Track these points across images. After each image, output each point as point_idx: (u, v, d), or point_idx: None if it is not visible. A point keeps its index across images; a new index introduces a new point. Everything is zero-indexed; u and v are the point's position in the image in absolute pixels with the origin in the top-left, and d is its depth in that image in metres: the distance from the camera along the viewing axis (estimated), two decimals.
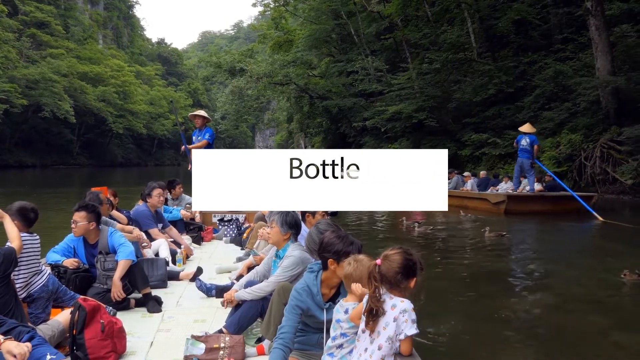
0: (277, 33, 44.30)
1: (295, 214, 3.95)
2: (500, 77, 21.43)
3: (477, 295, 5.88)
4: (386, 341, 2.40)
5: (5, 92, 50.99)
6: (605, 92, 16.89)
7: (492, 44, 24.41)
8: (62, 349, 3.23)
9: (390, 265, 2.43)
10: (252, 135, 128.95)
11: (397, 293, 2.46)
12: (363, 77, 32.16)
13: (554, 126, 18.45)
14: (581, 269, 7.19)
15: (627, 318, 5.04)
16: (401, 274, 2.42)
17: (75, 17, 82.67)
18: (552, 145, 17.86)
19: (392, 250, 2.48)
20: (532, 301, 5.67)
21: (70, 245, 4.59)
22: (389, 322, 2.41)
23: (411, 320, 2.39)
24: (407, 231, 10.38)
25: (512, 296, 5.88)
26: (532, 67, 21.07)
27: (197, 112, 9.40)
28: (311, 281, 2.98)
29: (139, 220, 6.32)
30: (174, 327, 3.97)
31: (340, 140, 39.25)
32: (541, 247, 9.12)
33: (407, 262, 2.44)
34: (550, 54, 20.53)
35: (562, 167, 17.27)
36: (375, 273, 2.44)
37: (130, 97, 77.23)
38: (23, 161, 58.06)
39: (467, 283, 6.40)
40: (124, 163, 78.41)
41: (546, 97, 19.73)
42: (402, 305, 2.41)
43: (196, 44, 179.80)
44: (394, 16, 29.20)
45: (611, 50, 16.99)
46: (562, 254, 8.26)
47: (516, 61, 21.96)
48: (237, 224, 8.38)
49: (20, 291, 3.60)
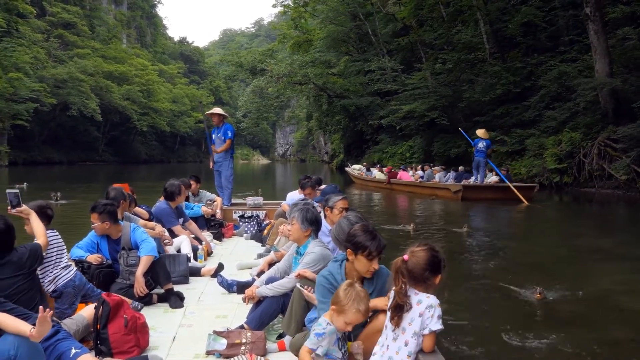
0: (297, 33, 44.69)
1: (315, 210, 3.95)
2: (508, 77, 22.13)
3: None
4: (412, 337, 2.39)
5: (35, 91, 52.27)
6: (603, 93, 17.81)
7: (502, 45, 24.98)
8: (87, 343, 3.27)
9: (417, 261, 2.43)
10: (272, 133, 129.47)
11: (421, 289, 2.45)
12: (379, 77, 32.75)
13: (556, 125, 19.47)
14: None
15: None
16: (428, 271, 2.42)
17: (100, 18, 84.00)
18: (554, 143, 18.67)
19: (419, 247, 2.49)
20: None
21: (94, 241, 4.66)
22: (414, 318, 2.40)
23: (437, 316, 2.39)
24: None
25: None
26: (538, 68, 21.76)
27: (214, 110, 9.48)
28: (335, 269, 3.00)
29: (160, 217, 6.35)
30: (195, 322, 4.00)
31: (358, 137, 39.99)
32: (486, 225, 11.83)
33: (434, 259, 2.44)
34: (556, 55, 21.15)
35: (563, 163, 18.27)
36: (402, 269, 2.43)
37: (153, 95, 78.25)
38: (51, 158, 59.40)
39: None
40: (148, 160, 79.51)
41: (550, 97, 20.52)
42: (428, 301, 2.41)
43: (217, 41, 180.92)
44: (407, 19, 30.18)
45: (609, 53, 17.97)
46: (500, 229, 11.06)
47: (524, 62, 22.66)
48: (257, 221, 8.41)
49: (48, 285, 3.67)
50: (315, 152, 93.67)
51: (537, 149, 19.52)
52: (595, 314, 4.97)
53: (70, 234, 4.10)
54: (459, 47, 25.52)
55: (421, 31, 29.23)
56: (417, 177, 19.98)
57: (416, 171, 20.95)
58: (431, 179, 19.10)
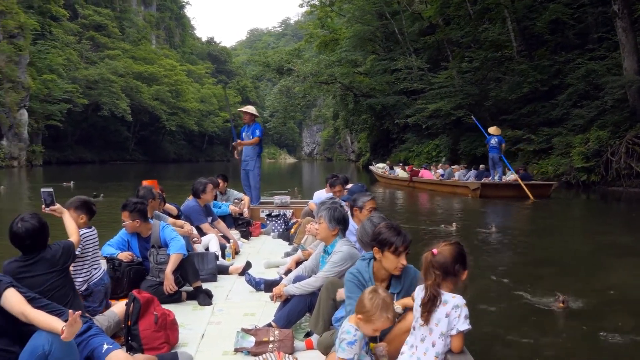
0: (323, 32, 44.83)
1: (343, 209, 3.94)
2: (535, 76, 21.91)
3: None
4: (439, 338, 2.39)
5: (68, 92, 53.77)
6: (631, 91, 17.59)
7: (530, 43, 24.73)
8: (118, 339, 3.33)
9: (447, 255, 2.44)
10: (299, 132, 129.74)
11: (449, 284, 2.45)
12: (406, 76, 32.66)
13: (584, 123, 19.15)
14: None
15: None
16: (459, 264, 2.44)
17: (130, 19, 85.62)
18: (582, 141, 18.42)
19: (445, 242, 2.51)
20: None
21: (124, 238, 4.74)
22: (440, 319, 2.39)
23: (464, 316, 2.38)
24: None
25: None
26: (566, 66, 21.50)
27: (246, 109, 9.52)
28: (363, 267, 3.00)
29: (189, 215, 6.43)
30: (224, 320, 4.03)
31: (384, 136, 40.02)
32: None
33: (461, 252, 2.46)
34: (585, 53, 20.87)
35: (590, 162, 18.01)
36: (433, 262, 2.44)
37: (182, 95, 79.35)
38: (83, 157, 60.96)
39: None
40: (176, 159, 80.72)
41: (578, 95, 20.27)
42: (454, 301, 2.40)
43: (244, 41, 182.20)
44: (433, 18, 30.11)
45: (638, 50, 17.74)
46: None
47: (552, 60, 22.38)
48: (284, 219, 8.43)
49: (83, 284, 3.75)
50: (342, 151, 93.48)
51: (564, 148, 19.35)
52: (628, 326, 4.56)
53: (100, 231, 4.18)
54: (486, 45, 25.34)
55: (448, 29, 29.14)
56: (438, 175, 20.48)
57: (437, 169, 21.36)
58: (451, 177, 19.57)
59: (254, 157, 9.30)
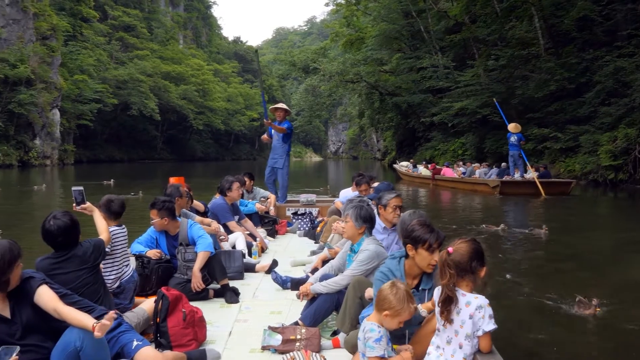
0: (349, 31, 44.86)
1: (370, 208, 3.91)
2: (562, 73, 21.72)
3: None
4: (466, 339, 2.37)
5: (99, 92, 54.93)
6: None
7: (557, 41, 24.44)
8: (147, 335, 3.37)
9: (463, 252, 2.42)
10: (324, 130, 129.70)
11: (467, 283, 2.42)
12: (431, 74, 32.72)
13: (611, 121, 18.97)
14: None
15: None
16: (475, 260, 2.41)
17: (158, 20, 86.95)
18: (609, 139, 18.22)
19: (461, 240, 2.49)
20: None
21: (152, 236, 4.80)
22: (465, 320, 2.37)
23: (488, 316, 2.35)
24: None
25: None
26: (594, 64, 21.22)
27: (279, 105, 9.57)
28: (394, 266, 2.99)
29: (217, 213, 6.47)
30: (251, 317, 4.05)
31: (410, 135, 39.91)
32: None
33: (478, 249, 2.44)
34: (613, 50, 20.52)
35: (618, 160, 17.82)
36: (448, 261, 2.42)
37: (209, 94, 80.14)
38: (112, 156, 62.19)
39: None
40: (203, 157, 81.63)
41: (606, 93, 20.01)
42: (477, 302, 2.38)
43: (270, 40, 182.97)
44: (459, 17, 30.05)
45: None
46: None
47: (579, 57, 22.15)
48: (310, 218, 8.43)
49: (115, 281, 3.81)
50: (368, 149, 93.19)
51: (591, 146, 19.17)
52: None
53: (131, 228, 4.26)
54: (512, 42, 25.20)
55: (474, 27, 29.03)
56: (459, 173, 20.71)
57: (458, 167, 21.72)
58: (472, 175, 20.00)
59: (283, 155, 9.27)
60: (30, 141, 45.14)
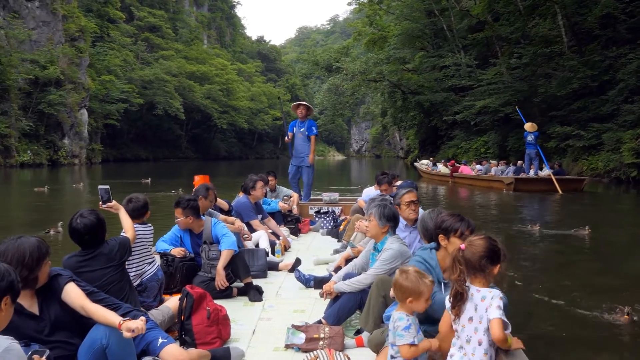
0: (372, 30, 44.78)
1: (393, 207, 3.88)
2: (584, 71, 21.61)
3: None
4: (484, 334, 2.36)
5: (125, 92, 55.86)
6: None
7: (580, 39, 24.23)
8: (172, 333, 3.40)
9: (474, 250, 2.40)
10: (347, 129, 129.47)
11: (480, 279, 2.41)
12: (454, 73, 32.64)
13: (635, 118, 18.91)
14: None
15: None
16: (486, 259, 2.39)
17: (182, 20, 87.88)
18: (632, 137, 18.10)
19: (476, 237, 2.48)
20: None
21: (177, 234, 4.84)
22: (482, 315, 2.37)
23: (496, 306, 2.33)
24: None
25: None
26: (617, 61, 21.06)
27: (301, 103, 9.57)
28: (427, 255, 3.04)
29: (240, 211, 6.49)
30: (274, 316, 4.06)
31: (433, 133, 39.86)
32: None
33: (492, 248, 2.41)
34: (637, 48, 20.30)
35: None
36: (459, 257, 2.43)
37: (233, 94, 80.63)
38: (138, 155, 63.21)
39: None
40: (227, 156, 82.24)
41: (629, 91, 19.91)
42: (491, 295, 2.38)
43: (293, 39, 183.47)
44: (482, 15, 30.10)
45: None
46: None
47: (603, 55, 21.97)
48: (333, 216, 8.42)
49: (136, 279, 3.85)
50: (390, 147, 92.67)
51: (614, 144, 19.04)
52: None
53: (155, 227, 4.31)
54: (535, 40, 25.12)
55: (497, 25, 28.99)
56: (477, 170, 21.43)
57: (475, 165, 22.54)
58: (488, 172, 20.61)
59: (308, 154, 9.28)
60: (59, 140, 46.13)
